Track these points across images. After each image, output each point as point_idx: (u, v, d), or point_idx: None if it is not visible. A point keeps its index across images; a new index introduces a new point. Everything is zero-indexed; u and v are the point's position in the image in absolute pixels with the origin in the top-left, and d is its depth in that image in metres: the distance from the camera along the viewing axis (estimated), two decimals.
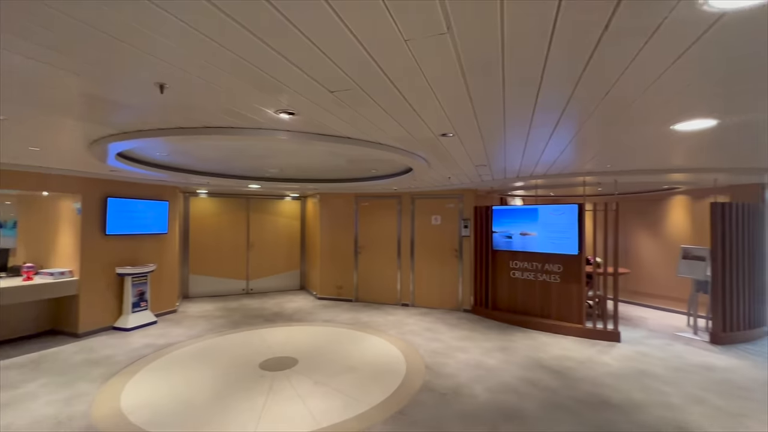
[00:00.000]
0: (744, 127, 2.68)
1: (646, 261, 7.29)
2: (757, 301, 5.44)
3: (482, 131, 2.83)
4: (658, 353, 4.72)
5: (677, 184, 6.18)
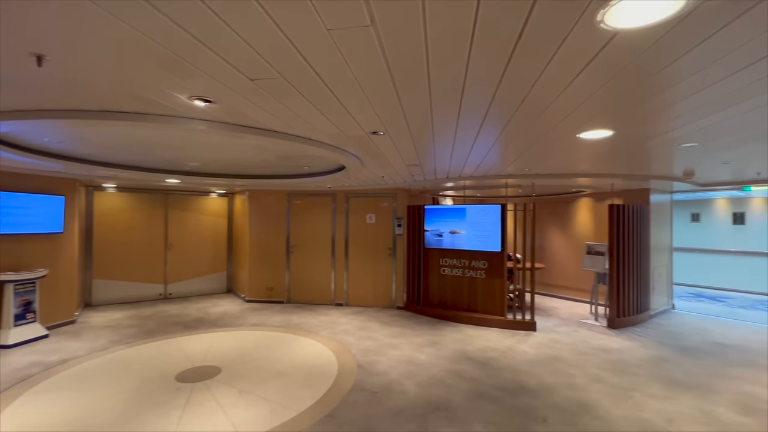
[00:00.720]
0: (633, 139, 3.06)
1: (559, 256, 8.07)
2: (644, 290, 6.31)
3: (411, 130, 2.87)
4: (567, 339, 5.25)
5: (583, 187, 6.93)
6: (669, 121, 2.57)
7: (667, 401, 3.44)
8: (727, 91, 2.00)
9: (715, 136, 2.94)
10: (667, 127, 2.72)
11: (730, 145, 3.28)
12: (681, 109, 2.31)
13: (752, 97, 2.10)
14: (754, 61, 1.65)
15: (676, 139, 3.05)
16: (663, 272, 6.98)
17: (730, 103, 2.19)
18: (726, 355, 4.63)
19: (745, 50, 1.54)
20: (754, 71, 1.75)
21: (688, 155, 3.82)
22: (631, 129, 2.74)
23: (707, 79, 1.84)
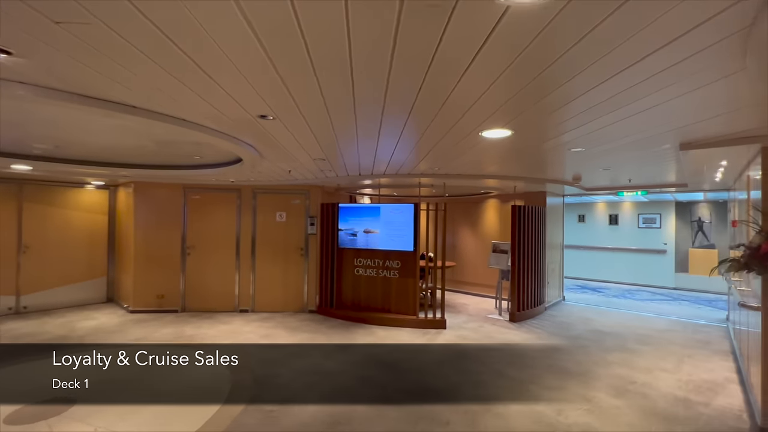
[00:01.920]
0: (530, 140, 3.15)
1: (469, 254, 8.43)
2: (540, 285, 6.85)
3: (307, 118, 2.55)
4: (473, 335, 5.40)
5: (491, 189, 7.30)
6: (559, 124, 2.64)
7: (558, 391, 3.65)
8: (606, 96, 2.07)
9: (597, 142, 3.16)
10: (557, 131, 2.82)
11: (610, 152, 3.58)
12: (569, 112, 2.37)
13: (625, 105, 2.22)
14: (625, 67, 1.69)
15: (566, 143, 3.21)
16: (556, 268, 7.68)
17: (607, 109, 2.30)
18: (604, 342, 5.17)
19: (618, 54, 1.56)
20: (625, 78, 1.82)
21: (576, 161, 4.13)
22: (528, 131, 2.79)
23: (591, 80, 1.86)
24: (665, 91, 1.99)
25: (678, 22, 1.30)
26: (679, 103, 2.16)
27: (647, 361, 4.47)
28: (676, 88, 1.94)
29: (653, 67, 1.68)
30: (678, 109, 2.31)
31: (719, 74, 1.76)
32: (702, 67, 1.67)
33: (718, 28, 1.33)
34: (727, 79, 1.81)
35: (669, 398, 3.52)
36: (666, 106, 2.22)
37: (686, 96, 2.06)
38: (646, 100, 2.12)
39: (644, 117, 2.44)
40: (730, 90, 1.98)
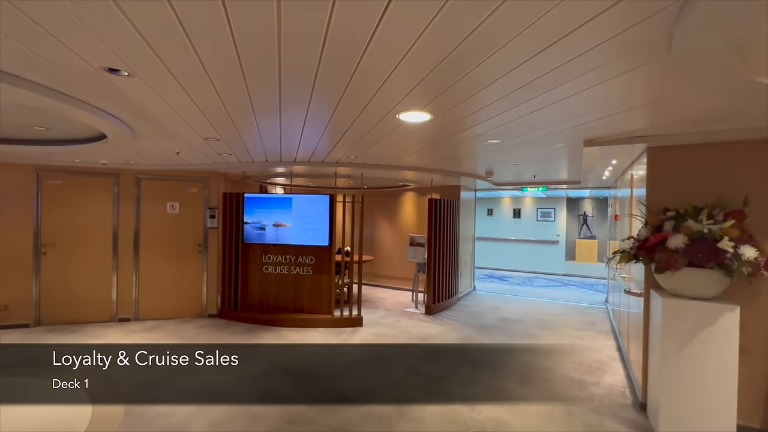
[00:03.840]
0: (448, 127, 2.99)
1: (387, 247, 8.33)
2: (454, 276, 7.02)
3: (180, 80, 1.99)
4: (390, 331, 5.25)
5: (408, 181, 7.24)
6: (475, 112, 2.51)
7: (471, 385, 3.63)
8: (514, 86, 2.01)
9: (511, 134, 3.13)
10: (474, 119, 2.69)
11: (522, 146, 3.64)
12: (482, 100, 2.23)
13: (533, 98, 2.17)
14: (523, 60, 1.66)
15: (483, 134, 3.13)
16: (468, 259, 7.99)
17: (518, 100, 2.22)
18: (510, 329, 5.43)
19: (514, 47, 1.53)
20: (528, 71, 1.78)
21: (490, 154, 4.16)
22: (447, 116, 2.60)
23: (496, 70, 1.78)
24: (566, 87, 1.99)
25: (563, 20, 1.33)
26: (580, 98, 2.16)
27: (546, 346, 4.78)
28: (576, 83, 1.94)
29: (549, 62, 1.68)
30: (581, 105, 2.32)
31: (614, 72, 1.78)
32: (596, 64, 1.69)
33: (601, 28, 1.37)
34: (621, 77, 1.83)
35: (567, 381, 3.74)
36: (569, 101, 2.21)
37: (586, 92, 2.06)
38: (552, 93, 2.09)
39: (553, 111, 2.41)
40: (626, 88, 2.02)
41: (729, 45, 1.36)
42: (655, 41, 1.45)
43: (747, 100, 2.08)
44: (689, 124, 2.65)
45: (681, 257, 2.67)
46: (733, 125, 2.65)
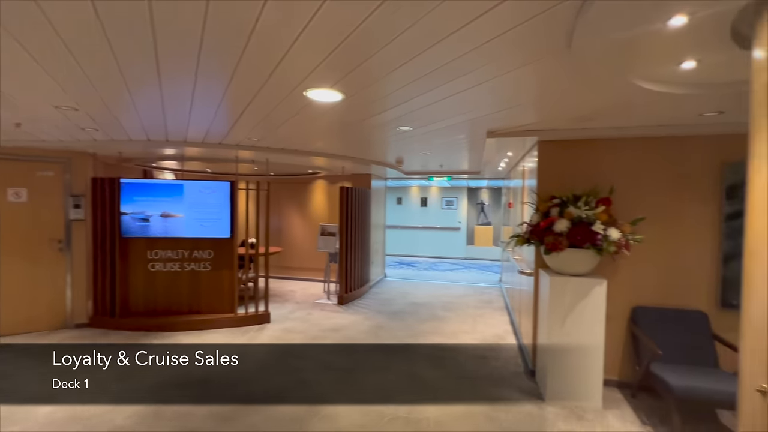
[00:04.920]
0: (360, 110, 2.86)
1: (297, 238, 7.96)
2: (366, 264, 7.03)
3: (9, 29, 1.48)
4: (300, 326, 5.01)
5: (319, 169, 6.97)
6: (387, 95, 2.43)
7: (384, 372, 3.64)
8: (421, 72, 1.98)
9: (422, 121, 3.15)
10: (387, 102, 2.61)
11: (432, 135, 3.70)
12: (393, 82, 2.16)
13: (440, 86, 2.18)
14: (427, 47, 1.65)
15: (395, 120, 3.08)
16: (379, 247, 8.09)
17: (427, 86, 2.21)
18: (419, 313, 5.65)
19: (416, 35, 1.52)
20: (432, 58, 1.77)
21: (400, 143, 4.17)
22: (359, 97, 2.47)
23: (402, 54, 1.74)
24: (469, 77, 2.03)
25: (455, 16, 1.35)
26: (482, 90, 2.24)
27: (452, 326, 5.08)
28: (478, 74, 1.99)
29: (450, 52, 1.71)
30: (484, 96, 2.40)
31: (511, 65, 1.86)
32: (492, 58, 1.76)
33: (495, 23, 1.41)
34: (518, 71, 1.92)
35: (471, 358, 4.00)
36: (473, 92, 2.27)
37: (486, 84, 2.14)
38: (456, 83, 2.13)
39: (459, 100, 2.46)
40: (523, 82, 2.14)
41: (621, 45, 1.48)
42: (552, 37, 1.52)
43: (625, 101, 2.36)
44: (573, 121, 2.96)
45: (565, 239, 3.00)
46: (605, 123, 3.04)
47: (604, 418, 2.93)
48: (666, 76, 1.80)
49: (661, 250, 3.29)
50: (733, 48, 1.51)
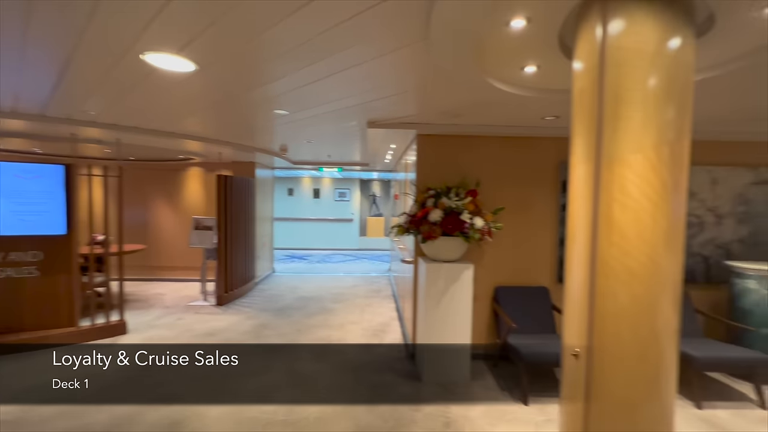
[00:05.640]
0: (223, 85, 2.55)
1: (167, 233, 6.96)
2: (251, 259, 6.53)
3: None
4: (168, 333, 4.38)
5: (193, 154, 6.17)
6: (254, 67, 2.19)
7: (263, 374, 3.40)
8: (296, 42, 1.82)
9: (299, 104, 2.97)
10: (255, 79, 2.37)
11: (312, 122, 3.55)
12: (260, 52, 1.95)
13: (317, 61, 2.04)
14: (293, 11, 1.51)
15: (269, 99, 2.83)
16: (267, 241, 7.61)
17: (302, 60, 2.05)
18: (307, 308, 5.48)
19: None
20: (298, 26, 1.65)
21: (282, 129, 3.91)
22: (217, 69, 2.16)
23: (269, 15, 1.55)
24: (338, 59, 1.97)
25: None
26: (354, 76, 2.19)
27: (340, 317, 5.06)
28: (347, 57, 1.94)
29: (312, 26, 1.62)
30: (358, 81, 2.36)
31: (378, 52, 1.85)
32: (358, 37, 1.71)
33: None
34: (394, 54, 1.90)
35: (356, 348, 4.03)
36: (344, 77, 2.21)
37: (357, 68, 2.09)
38: (326, 64, 2.04)
39: (332, 85, 2.38)
40: (391, 71, 2.15)
41: (472, 42, 1.56)
42: (411, 26, 1.52)
43: (484, 99, 2.57)
44: (444, 115, 3.14)
45: (438, 228, 3.19)
46: (472, 121, 3.30)
47: (471, 389, 3.23)
48: (513, 78, 1.99)
49: (517, 236, 3.76)
50: (562, 57, 1.72)
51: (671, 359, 1.35)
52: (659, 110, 1.26)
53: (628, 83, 1.24)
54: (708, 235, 3.84)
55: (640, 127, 1.25)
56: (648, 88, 1.25)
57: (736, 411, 2.94)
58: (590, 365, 1.32)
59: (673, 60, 1.27)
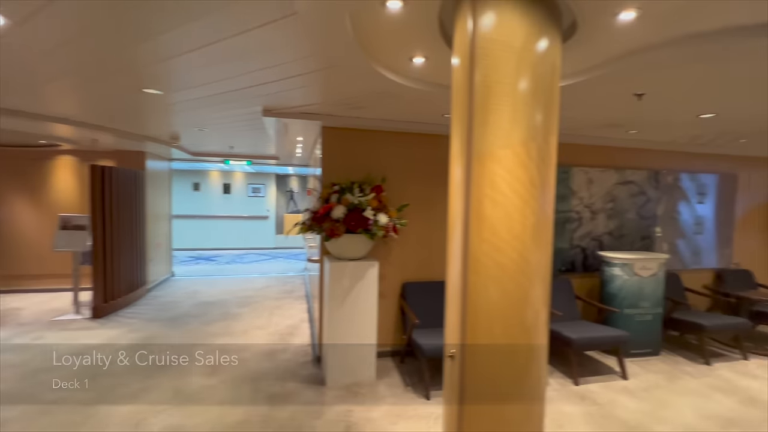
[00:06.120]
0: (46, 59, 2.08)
1: (28, 235, 5.76)
2: (140, 263, 5.72)
3: None
4: (17, 358, 3.57)
5: (61, 140, 5.19)
6: (86, 29, 1.79)
7: (142, 395, 2.94)
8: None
9: (178, 83, 2.57)
10: (105, 46, 1.95)
11: (197, 106, 3.14)
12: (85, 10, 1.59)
13: (176, 28, 1.74)
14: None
15: (126, 73, 2.39)
16: (163, 241, 6.76)
17: (154, 29, 1.74)
18: (208, 314, 4.96)
19: None
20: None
21: (164, 113, 3.42)
22: (33, 25, 1.72)
23: None
24: (203, 27, 1.70)
25: None
26: (225, 48, 1.91)
27: (245, 323, 4.67)
28: (212, 25, 1.68)
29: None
30: (231, 58, 2.07)
31: (250, 22, 1.63)
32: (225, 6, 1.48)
33: None
34: (262, 30, 1.69)
35: (259, 356, 3.72)
36: (216, 50, 1.92)
37: (228, 42, 1.83)
38: (190, 32, 1.75)
39: (203, 59, 2.06)
40: (273, 47, 1.91)
41: (348, 17, 1.42)
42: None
43: (380, 90, 2.47)
44: (347, 107, 3.01)
45: (341, 225, 3.06)
46: (375, 114, 3.22)
47: (376, 388, 3.17)
48: (403, 69, 1.93)
49: (423, 232, 3.80)
50: (450, 52, 1.69)
51: (541, 353, 1.39)
52: (527, 106, 1.27)
53: (497, 76, 1.22)
54: (585, 229, 4.32)
55: (510, 121, 1.25)
56: (516, 83, 1.25)
57: (605, 384, 3.33)
58: (463, 364, 1.29)
59: (540, 59, 1.28)
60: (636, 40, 1.62)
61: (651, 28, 1.55)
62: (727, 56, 1.87)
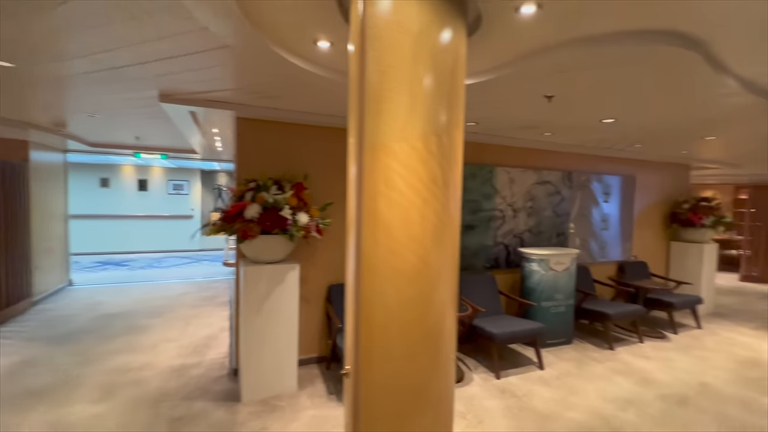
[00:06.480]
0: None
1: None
2: (23, 272, 4.86)
3: None
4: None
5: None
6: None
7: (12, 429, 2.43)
8: None
9: (33, 52, 2.13)
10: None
11: (75, 85, 2.66)
12: None
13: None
14: None
15: None
16: (56, 245, 5.84)
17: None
18: (109, 329, 4.35)
19: None
20: None
21: (33, 91, 2.87)
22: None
23: None
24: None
25: None
26: (79, 12, 1.59)
27: (154, 336, 4.16)
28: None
29: None
30: (96, 24, 1.73)
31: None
32: None
33: None
34: None
35: (165, 373, 3.31)
36: (68, 12, 1.58)
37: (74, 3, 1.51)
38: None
39: (56, 24, 1.70)
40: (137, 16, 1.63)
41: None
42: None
43: (289, 76, 2.26)
44: (261, 96, 2.75)
45: (256, 226, 2.79)
46: (292, 106, 3.00)
47: (297, 399, 2.97)
48: (309, 53, 1.76)
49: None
50: None
51: (448, 357, 1.31)
52: (427, 97, 1.17)
53: (390, 59, 1.11)
54: (508, 226, 4.49)
55: (407, 112, 1.14)
56: (414, 70, 1.14)
57: (523, 375, 3.46)
58: (358, 380, 1.16)
59: (442, 48, 1.19)
60: (538, 39, 1.62)
61: (551, 28, 1.55)
62: (622, 61, 1.97)
